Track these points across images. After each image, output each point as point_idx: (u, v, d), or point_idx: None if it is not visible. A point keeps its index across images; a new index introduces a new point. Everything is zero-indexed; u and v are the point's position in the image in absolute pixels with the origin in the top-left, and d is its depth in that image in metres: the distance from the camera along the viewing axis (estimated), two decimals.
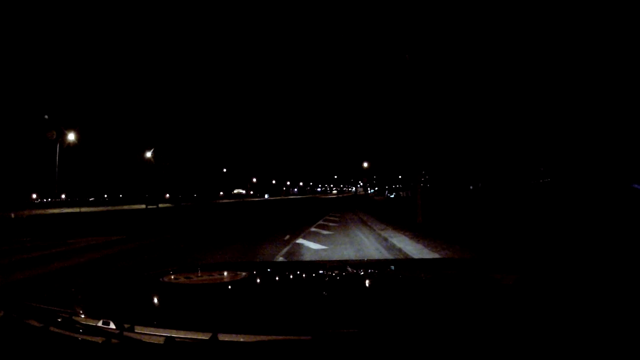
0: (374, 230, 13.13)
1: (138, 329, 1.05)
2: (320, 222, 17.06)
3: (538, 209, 18.78)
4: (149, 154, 64.24)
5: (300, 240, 11.07)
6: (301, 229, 13.97)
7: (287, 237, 11.87)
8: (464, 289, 1.62)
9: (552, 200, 24.48)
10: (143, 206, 42.83)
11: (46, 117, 47.21)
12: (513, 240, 9.19)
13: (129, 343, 1.01)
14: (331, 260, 6.20)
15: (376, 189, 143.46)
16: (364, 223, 15.93)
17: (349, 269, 2.23)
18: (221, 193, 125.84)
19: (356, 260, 6.58)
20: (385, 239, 10.56)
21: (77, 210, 35.02)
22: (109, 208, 43.63)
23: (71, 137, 47.34)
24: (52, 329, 1.11)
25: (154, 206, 42.40)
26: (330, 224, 16.22)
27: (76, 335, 1.07)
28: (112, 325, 1.08)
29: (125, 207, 46.31)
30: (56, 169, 47.95)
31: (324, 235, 12.50)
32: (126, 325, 1.05)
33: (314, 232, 13.37)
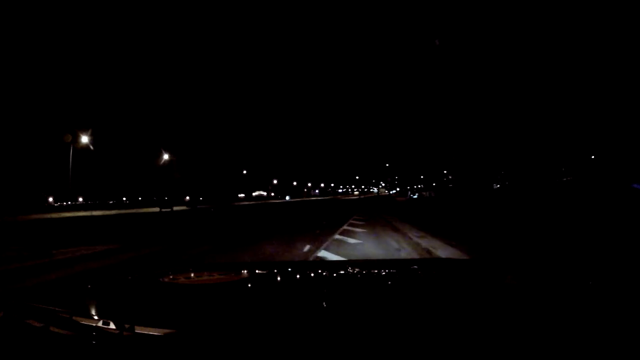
0: (411, 238, 11.20)
1: (138, 329, 1.04)
2: (345, 227, 14.99)
3: (561, 208, 19.04)
4: (167, 156, 63.51)
5: (322, 253, 9.16)
6: (324, 237, 12.01)
7: (307, 248, 9.94)
8: (456, 289, 1.68)
9: (572, 199, 24.79)
10: (157, 209, 41.52)
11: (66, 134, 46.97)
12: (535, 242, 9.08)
13: (129, 343, 1.01)
14: (332, 261, 6.29)
15: (397, 189, 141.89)
16: (395, 229, 13.92)
17: (349, 269, 2.29)
18: (241, 195, 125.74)
19: (357, 260, 6.63)
20: (429, 252, 8.61)
21: (89, 214, 33.87)
22: (123, 211, 42.37)
23: (85, 139, 46.73)
24: (52, 329, 1.10)
25: (169, 209, 40.93)
26: (356, 229, 14.16)
27: (76, 335, 1.06)
28: (112, 326, 1.09)
29: (141, 210, 45.15)
30: (70, 172, 47.20)
31: (350, 245, 10.56)
32: (126, 326, 1.05)
33: (338, 240, 11.37)
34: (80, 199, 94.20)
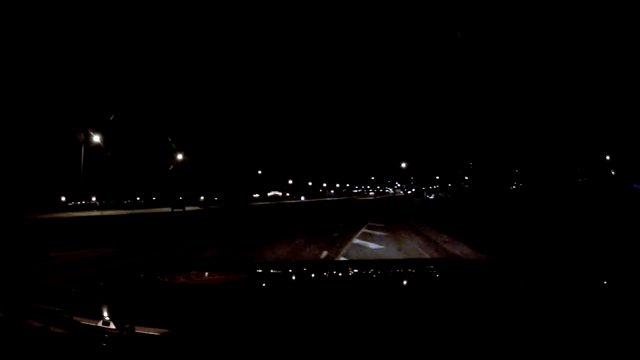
0: (437, 243, 10.28)
1: (138, 329, 1.04)
2: (364, 230, 13.88)
3: (576, 209, 19.01)
4: (180, 156, 63.06)
5: (341, 260, 8.09)
6: (342, 241, 10.99)
7: (325, 254, 8.93)
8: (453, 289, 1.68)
9: (587, 200, 24.45)
10: (169, 209, 40.75)
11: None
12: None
13: (129, 343, 1.00)
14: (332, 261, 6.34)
15: (413, 190, 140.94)
16: (418, 232, 12.92)
17: (349, 269, 2.30)
18: (256, 195, 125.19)
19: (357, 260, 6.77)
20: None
21: (99, 213, 33.30)
22: (134, 211, 41.72)
23: (97, 139, 46.33)
24: (52, 329, 1.09)
25: (181, 209, 40.06)
26: (376, 232, 13.05)
27: (76, 336, 1.06)
28: (112, 326, 1.08)
29: (154, 210, 44.50)
30: (81, 171, 46.90)
31: (371, 251, 9.56)
32: (126, 326, 1.04)
33: (358, 246, 10.30)
34: (94, 199, 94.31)
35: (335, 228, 14.61)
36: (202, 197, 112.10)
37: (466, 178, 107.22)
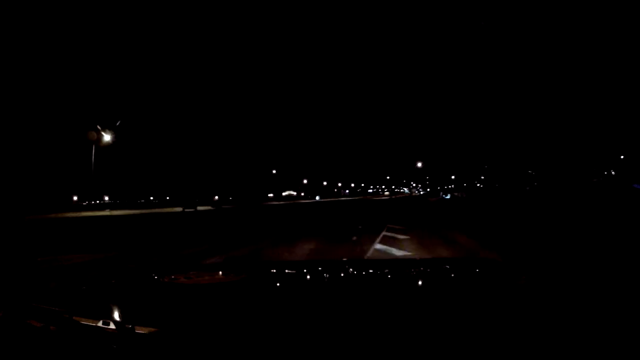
0: (465, 248, 9.09)
1: (139, 329, 1.03)
2: (385, 233, 12.64)
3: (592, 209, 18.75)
4: (193, 155, 62.62)
5: None
6: (363, 247, 9.90)
7: None
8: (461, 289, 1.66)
9: (602, 199, 24.46)
10: (180, 209, 39.88)
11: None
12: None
13: (129, 343, 0.99)
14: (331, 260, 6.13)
15: (428, 190, 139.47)
16: (443, 236, 11.79)
17: (350, 270, 2.28)
18: (270, 195, 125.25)
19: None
20: None
21: (108, 213, 32.58)
22: (145, 211, 41.05)
23: (108, 137, 45.81)
24: (51, 328, 1.07)
25: (192, 209, 39.06)
26: (399, 236, 11.81)
27: (76, 335, 1.04)
28: (111, 326, 1.07)
29: (166, 209, 43.74)
30: (92, 170, 46.40)
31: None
32: (127, 326, 1.04)
33: (381, 252, 9.19)
34: (107, 198, 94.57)
35: (354, 231, 13.45)
36: (216, 197, 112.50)
37: (482, 177, 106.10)
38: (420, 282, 1.87)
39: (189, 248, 11.07)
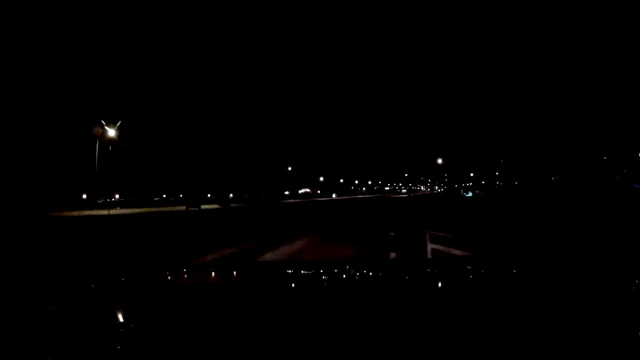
0: None
1: (138, 329, 1.05)
2: (433, 246, 9.58)
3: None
4: (205, 153, 60.16)
5: None
6: None
7: None
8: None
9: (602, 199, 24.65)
10: (184, 207, 37.07)
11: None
12: None
13: (131, 343, 0.98)
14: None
15: (445, 187, 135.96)
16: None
17: (349, 270, 2.20)
18: (287, 192, 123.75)
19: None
20: None
21: (106, 212, 30.10)
22: (148, 210, 38.57)
23: (112, 133, 43.41)
24: (53, 328, 1.08)
25: (196, 208, 36.23)
26: (455, 251, 8.73)
27: (77, 335, 1.04)
28: (114, 325, 1.08)
29: (175, 208, 41.08)
30: (95, 165, 44.07)
31: None
32: (127, 326, 1.06)
33: None
34: (117, 196, 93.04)
35: (387, 242, 10.18)
36: (231, 195, 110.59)
37: (497, 174, 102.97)
38: (410, 283, 1.82)
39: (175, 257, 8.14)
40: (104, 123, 40.94)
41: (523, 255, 7.97)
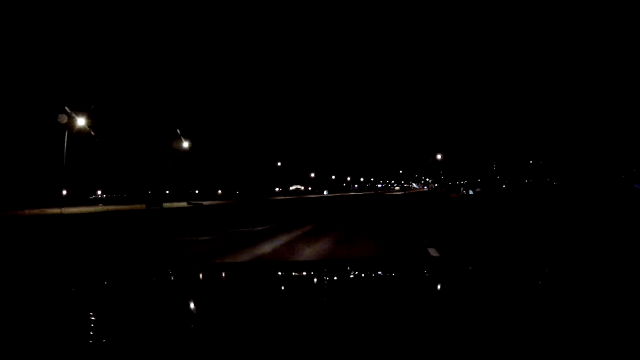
0: None
1: (138, 328, 1.09)
2: None
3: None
4: (185, 145, 57.04)
5: None
6: None
7: None
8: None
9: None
10: (144, 206, 33.20)
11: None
12: None
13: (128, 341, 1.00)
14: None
15: (436, 185, 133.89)
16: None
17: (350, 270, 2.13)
18: (278, 189, 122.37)
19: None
20: None
21: (58, 212, 26.80)
22: (107, 208, 35.15)
23: (81, 122, 40.00)
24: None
25: (157, 207, 32.43)
26: None
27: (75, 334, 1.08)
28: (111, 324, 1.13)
29: (126, 207, 37.11)
30: (64, 159, 40.67)
31: None
32: (126, 324, 1.11)
33: None
34: (99, 192, 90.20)
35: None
36: (219, 191, 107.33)
37: (493, 169, 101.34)
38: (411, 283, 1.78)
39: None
40: (68, 110, 37.36)
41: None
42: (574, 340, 0.94)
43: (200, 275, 2.05)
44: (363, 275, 1.97)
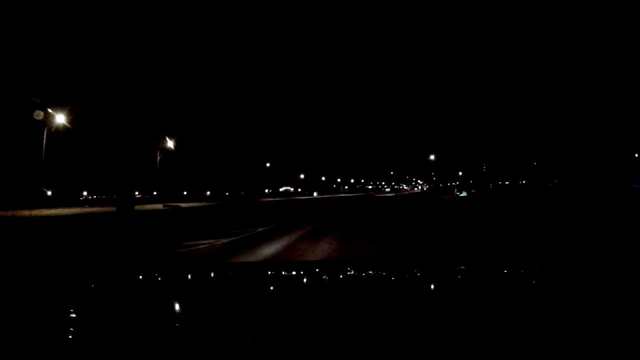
0: None
1: (138, 328, 1.11)
2: None
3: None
4: (170, 144, 56.06)
5: None
6: None
7: None
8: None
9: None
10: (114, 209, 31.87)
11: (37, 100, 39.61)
12: None
13: (127, 341, 1.01)
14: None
15: (427, 186, 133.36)
16: None
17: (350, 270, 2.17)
18: (268, 190, 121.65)
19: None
20: None
21: (38, 213, 26.41)
22: (84, 210, 34.22)
23: (61, 119, 38.86)
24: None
25: (125, 210, 30.94)
26: None
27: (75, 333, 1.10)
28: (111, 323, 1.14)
29: (104, 209, 35.86)
30: (43, 157, 39.57)
31: None
32: (126, 323, 1.12)
33: None
34: (85, 193, 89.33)
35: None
36: (208, 192, 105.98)
37: (484, 170, 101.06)
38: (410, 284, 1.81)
39: None
40: (40, 104, 36.16)
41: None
42: (572, 340, 0.95)
43: None
44: (364, 275, 2.04)
